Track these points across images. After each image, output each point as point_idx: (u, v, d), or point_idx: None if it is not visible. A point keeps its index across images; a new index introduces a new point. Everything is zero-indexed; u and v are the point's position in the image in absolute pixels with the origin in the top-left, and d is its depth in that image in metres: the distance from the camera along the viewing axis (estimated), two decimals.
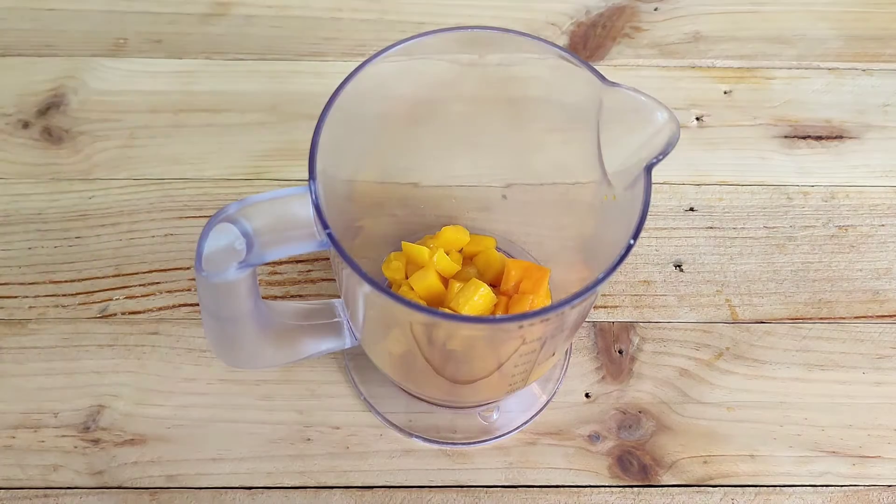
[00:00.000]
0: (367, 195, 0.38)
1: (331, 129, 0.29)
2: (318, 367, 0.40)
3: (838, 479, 0.38)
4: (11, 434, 0.38)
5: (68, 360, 0.40)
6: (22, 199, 0.44)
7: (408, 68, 0.32)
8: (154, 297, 0.41)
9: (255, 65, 0.50)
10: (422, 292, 0.36)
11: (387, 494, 0.37)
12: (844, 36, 0.53)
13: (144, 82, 0.49)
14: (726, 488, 0.37)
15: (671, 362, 0.40)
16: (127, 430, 0.38)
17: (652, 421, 0.39)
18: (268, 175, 0.46)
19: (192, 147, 0.46)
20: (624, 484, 0.37)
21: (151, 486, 0.37)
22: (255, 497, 0.37)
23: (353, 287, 0.30)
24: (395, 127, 0.35)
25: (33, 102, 0.48)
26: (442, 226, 0.39)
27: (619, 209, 0.30)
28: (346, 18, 0.52)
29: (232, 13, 0.52)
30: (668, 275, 0.43)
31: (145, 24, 0.51)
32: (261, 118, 0.48)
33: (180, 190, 0.45)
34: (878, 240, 0.45)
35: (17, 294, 0.41)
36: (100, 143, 0.46)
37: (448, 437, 0.38)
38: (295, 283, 0.42)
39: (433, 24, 0.52)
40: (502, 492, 0.37)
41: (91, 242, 0.43)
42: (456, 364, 0.33)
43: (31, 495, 0.36)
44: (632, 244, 0.27)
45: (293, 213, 0.28)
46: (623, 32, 0.52)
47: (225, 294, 0.29)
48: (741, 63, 0.51)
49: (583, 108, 0.31)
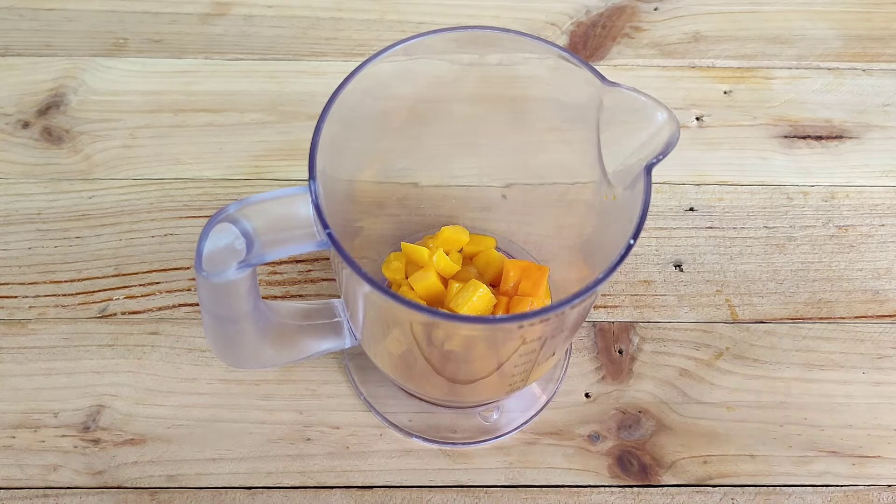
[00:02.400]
0: (367, 195, 0.38)
1: (331, 129, 0.29)
2: (318, 367, 0.40)
3: (838, 479, 0.38)
4: (11, 434, 0.38)
5: (68, 360, 0.40)
6: (22, 199, 0.44)
7: (408, 68, 0.32)
8: (154, 297, 0.41)
9: (255, 65, 0.50)
10: (422, 292, 0.36)
11: (387, 494, 0.37)
12: (844, 36, 0.53)
13: (145, 82, 0.49)
14: (726, 488, 0.37)
15: (671, 362, 0.40)
16: (127, 430, 0.38)
17: (652, 421, 0.39)
18: (268, 175, 0.46)
19: (192, 147, 0.46)
20: (624, 484, 0.37)
21: (151, 486, 0.37)
22: (255, 497, 0.37)
23: (353, 287, 0.30)
24: (395, 127, 0.35)
25: (33, 102, 0.48)
26: (442, 226, 0.39)
27: (619, 209, 0.30)
28: (346, 18, 0.52)
29: (232, 13, 0.52)
30: (668, 275, 0.43)
31: (145, 24, 0.51)
32: (261, 118, 0.48)
33: (180, 190, 0.45)
34: (878, 240, 0.45)
35: (17, 294, 0.41)
36: (100, 143, 0.46)
37: (448, 437, 0.38)
38: (295, 283, 0.42)
39: (433, 24, 0.52)
40: (502, 492, 0.37)
41: (91, 242, 0.43)
42: (456, 364, 0.33)
43: (30, 495, 0.36)
44: (632, 244, 0.27)
45: (293, 213, 0.28)
46: (623, 32, 0.52)
47: (225, 294, 0.29)
48: (741, 63, 0.51)
49: (583, 108, 0.31)
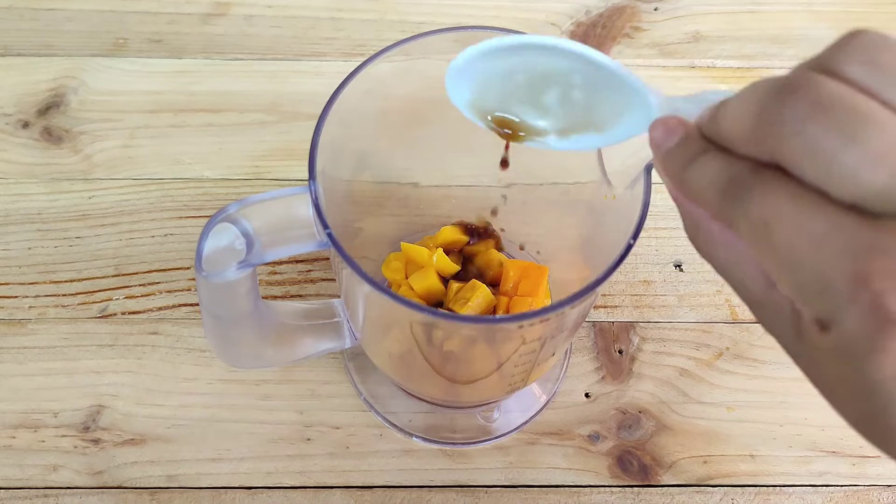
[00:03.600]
0: (367, 195, 0.38)
1: (331, 129, 0.29)
2: (318, 367, 0.40)
3: (838, 479, 0.38)
4: (11, 434, 0.38)
5: (68, 360, 0.40)
6: (22, 199, 0.44)
7: (408, 68, 0.32)
8: (154, 297, 0.41)
9: (255, 65, 0.50)
10: (422, 292, 0.36)
11: (387, 494, 0.37)
12: None
13: (144, 82, 0.49)
14: (726, 488, 0.37)
15: (671, 362, 0.40)
16: (127, 429, 0.38)
17: (652, 421, 0.39)
18: (268, 175, 0.46)
19: (192, 147, 0.46)
20: (624, 484, 0.37)
21: (151, 486, 0.37)
22: (255, 497, 0.37)
23: (353, 287, 0.30)
24: (395, 127, 0.35)
25: (33, 102, 0.48)
26: (442, 226, 0.39)
27: (619, 209, 0.30)
28: (346, 18, 0.52)
29: (232, 13, 0.52)
30: (668, 275, 0.43)
31: (145, 24, 0.51)
32: (260, 118, 0.48)
33: (180, 190, 0.45)
34: None
35: (17, 294, 0.41)
36: (100, 143, 0.46)
37: (448, 437, 0.38)
38: (295, 283, 0.42)
39: (433, 24, 0.52)
40: (502, 492, 0.37)
41: (91, 242, 0.43)
42: (456, 364, 0.33)
43: (30, 495, 0.36)
44: (632, 244, 0.27)
45: (293, 213, 0.28)
46: (623, 32, 0.52)
47: (225, 294, 0.29)
48: (741, 63, 0.51)
49: None
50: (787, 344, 0.21)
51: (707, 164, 0.20)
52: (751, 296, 0.22)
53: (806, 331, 0.19)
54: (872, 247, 0.17)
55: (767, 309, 0.21)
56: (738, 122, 0.19)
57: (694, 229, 0.23)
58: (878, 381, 0.17)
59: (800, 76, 0.18)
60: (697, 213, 0.22)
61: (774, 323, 0.21)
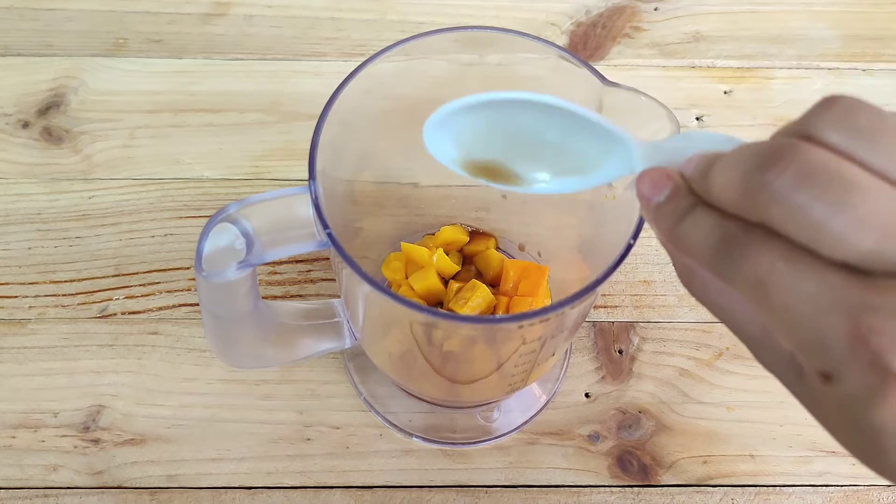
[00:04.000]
0: (367, 195, 0.38)
1: (331, 129, 0.29)
2: (318, 367, 0.40)
3: (838, 478, 0.38)
4: (11, 434, 0.38)
5: (68, 360, 0.40)
6: (22, 199, 0.44)
7: (408, 68, 0.32)
8: (154, 297, 0.41)
9: (255, 65, 0.50)
10: (422, 292, 0.36)
11: (387, 494, 0.37)
12: (844, 36, 0.53)
13: (144, 82, 0.49)
14: (726, 488, 0.37)
15: (671, 362, 0.40)
16: (127, 429, 0.38)
17: (652, 421, 0.39)
18: (268, 175, 0.46)
19: (192, 147, 0.46)
20: (624, 484, 0.37)
21: (151, 486, 0.37)
22: (255, 497, 0.37)
23: (353, 287, 0.30)
24: (395, 127, 0.35)
25: (33, 102, 0.48)
26: (442, 226, 0.39)
27: (619, 209, 0.30)
28: (346, 18, 0.52)
29: (232, 13, 0.52)
30: (668, 275, 0.43)
31: (145, 23, 0.51)
32: (260, 118, 0.48)
33: (180, 190, 0.45)
34: None
35: (17, 294, 0.41)
36: (100, 143, 0.46)
37: (448, 437, 0.38)
38: (295, 283, 0.42)
39: (433, 24, 0.52)
40: (502, 492, 0.37)
41: (91, 242, 0.43)
42: (456, 364, 0.33)
43: (30, 495, 0.36)
44: (632, 244, 0.27)
45: (293, 213, 0.28)
46: (623, 32, 0.52)
47: (225, 294, 0.29)
48: (741, 63, 0.51)
49: None
50: (788, 383, 0.22)
51: (698, 221, 0.21)
52: (749, 337, 0.22)
53: (808, 378, 0.20)
54: (866, 305, 0.17)
55: (766, 350, 0.22)
56: (725, 190, 0.20)
57: (687, 276, 0.23)
58: (880, 426, 0.18)
59: (783, 144, 0.18)
60: (690, 261, 0.22)
61: (774, 364, 0.22)
